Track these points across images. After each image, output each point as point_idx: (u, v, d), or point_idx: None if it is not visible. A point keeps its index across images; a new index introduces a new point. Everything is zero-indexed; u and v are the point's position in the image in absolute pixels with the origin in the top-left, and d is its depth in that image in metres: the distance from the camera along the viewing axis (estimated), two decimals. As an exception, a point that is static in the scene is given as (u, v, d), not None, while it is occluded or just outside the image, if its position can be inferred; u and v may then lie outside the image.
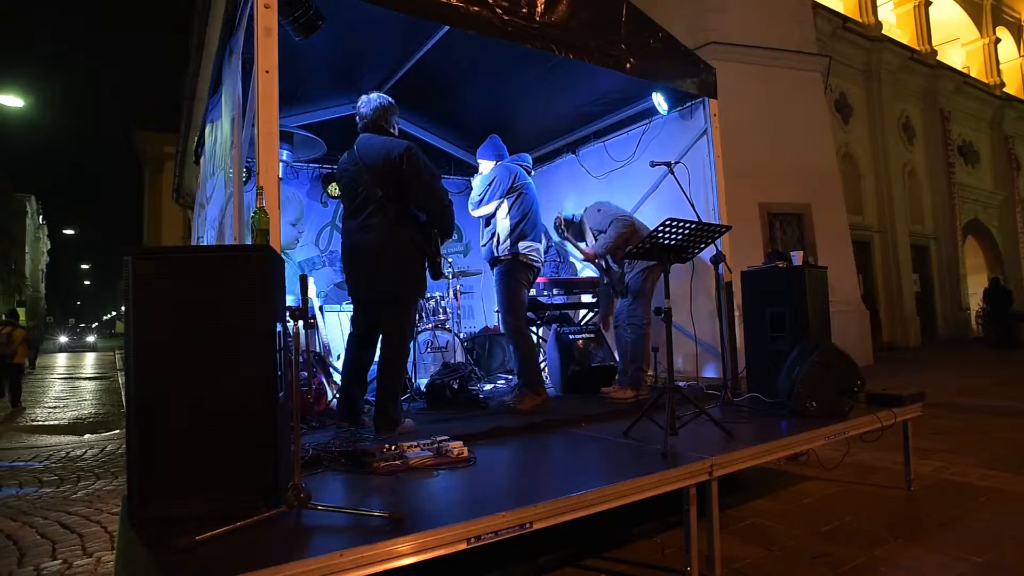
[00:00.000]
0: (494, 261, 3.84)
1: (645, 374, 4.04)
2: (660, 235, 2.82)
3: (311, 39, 3.15)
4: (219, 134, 3.64)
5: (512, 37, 3.36)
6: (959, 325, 15.93)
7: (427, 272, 3.22)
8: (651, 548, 2.61)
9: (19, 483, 4.46)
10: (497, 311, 4.07)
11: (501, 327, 3.87)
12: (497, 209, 3.82)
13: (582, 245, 4.46)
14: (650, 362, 4.12)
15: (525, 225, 3.78)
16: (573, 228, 4.50)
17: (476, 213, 3.94)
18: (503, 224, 3.77)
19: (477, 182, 4.00)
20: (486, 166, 4.02)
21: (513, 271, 3.76)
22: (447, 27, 3.88)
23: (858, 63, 14.12)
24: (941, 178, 15.95)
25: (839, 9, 14.01)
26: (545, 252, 5.57)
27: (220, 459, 1.82)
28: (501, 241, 3.76)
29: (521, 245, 3.74)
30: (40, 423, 7.89)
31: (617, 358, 4.32)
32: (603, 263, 4.34)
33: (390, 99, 3.26)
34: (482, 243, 3.95)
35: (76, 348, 34.58)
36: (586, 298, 5.27)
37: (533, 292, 4.66)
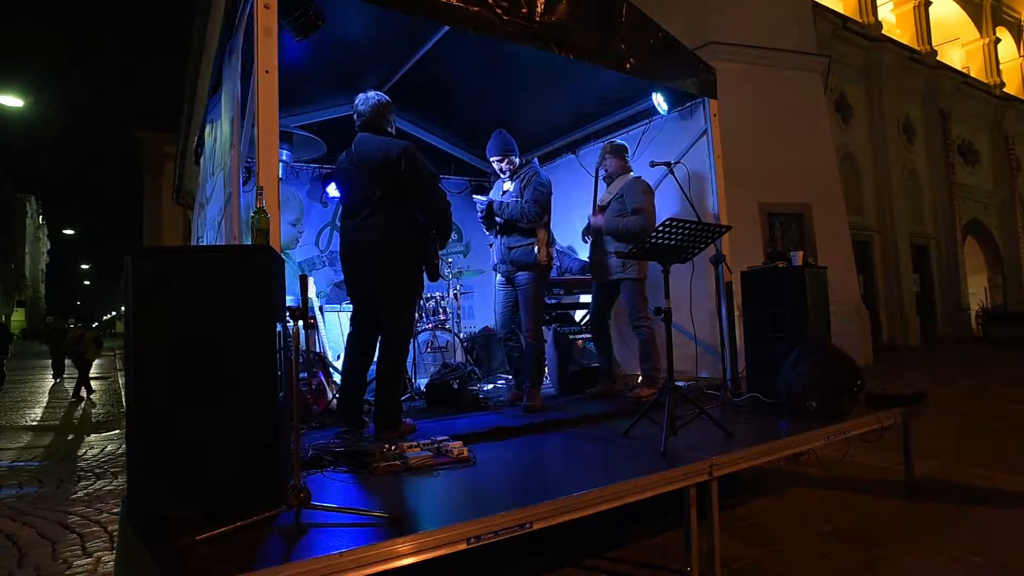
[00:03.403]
0: (532, 267, 3.75)
1: (659, 373, 3.99)
2: (660, 235, 2.82)
3: (311, 39, 3.16)
4: (219, 134, 3.64)
5: (512, 37, 3.35)
6: (959, 325, 15.93)
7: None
8: (651, 548, 2.61)
9: (19, 483, 4.46)
10: (496, 310, 4.03)
11: (525, 330, 3.78)
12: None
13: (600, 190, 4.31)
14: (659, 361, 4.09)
15: (551, 231, 3.94)
16: (614, 154, 4.28)
17: (535, 224, 3.75)
18: (543, 231, 3.78)
19: (510, 185, 3.85)
20: (513, 162, 3.91)
21: (545, 277, 3.85)
22: (447, 27, 3.88)
23: (858, 63, 14.12)
24: (941, 178, 15.94)
25: (839, 9, 14.01)
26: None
27: (220, 459, 1.83)
28: (541, 247, 3.74)
29: (551, 251, 3.88)
30: (40, 423, 7.88)
31: (604, 359, 4.26)
32: (598, 236, 4.19)
33: (387, 97, 3.25)
34: (510, 245, 3.81)
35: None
36: (586, 298, 5.27)
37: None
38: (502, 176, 3.99)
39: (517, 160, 3.94)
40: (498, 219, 3.88)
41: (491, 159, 3.98)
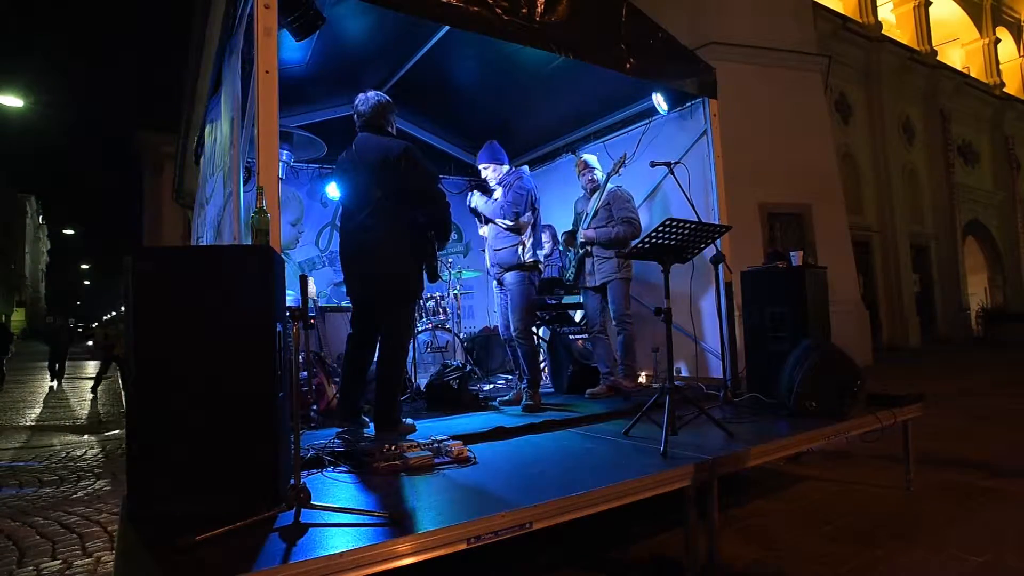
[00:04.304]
0: (517, 267, 3.82)
1: (636, 368, 4.26)
2: (660, 235, 2.82)
3: (312, 38, 3.16)
4: (219, 134, 3.64)
5: (512, 37, 3.36)
6: (959, 325, 15.93)
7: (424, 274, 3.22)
8: (651, 548, 2.61)
9: (19, 483, 4.46)
10: (496, 311, 4.06)
11: (512, 329, 3.86)
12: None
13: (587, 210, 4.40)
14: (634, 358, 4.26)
15: (539, 234, 3.99)
16: (588, 173, 4.40)
17: (511, 223, 3.82)
18: (528, 233, 3.86)
19: (499, 193, 3.93)
20: (500, 170, 3.96)
21: (532, 278, 3.89)
22: (447, 27, 3.88)
23: (858, 63, 14.12)
24: (941, 178, 15.95)
25: (839, 9, 14.02)
26: (548, 256, 5.60)
27: (220, 459, 1.82)
28: (527, 248, 3.83)
29: (539, 253, 3.95)
30: (40, 423, 7.88)
31: (604, 360, 4.31)
32: (587, 247, 4.30)
33: (388, 97, 3.25)
34: (496, 247, 3.90)
35: (75, 355, 31.22)
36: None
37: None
38: (490, 184, 4.04)
39: (504, 168, 3.98)
40: (483, 217, 3.98)
41: (479, 166, 4.05)
